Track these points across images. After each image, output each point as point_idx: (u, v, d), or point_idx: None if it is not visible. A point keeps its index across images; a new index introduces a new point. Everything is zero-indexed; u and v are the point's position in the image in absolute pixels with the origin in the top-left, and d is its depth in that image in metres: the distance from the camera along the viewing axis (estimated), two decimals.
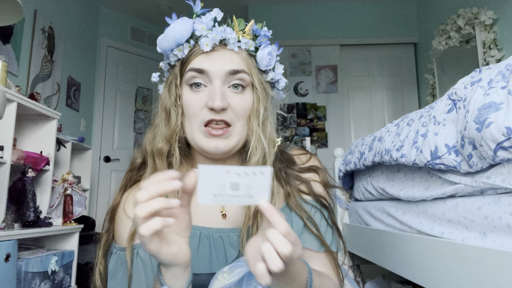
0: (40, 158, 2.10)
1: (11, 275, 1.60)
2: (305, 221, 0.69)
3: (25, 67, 2.73)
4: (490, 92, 0.72)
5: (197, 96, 0.66)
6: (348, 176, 1.85)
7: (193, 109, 0.66)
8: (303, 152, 0.80)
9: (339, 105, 3.78)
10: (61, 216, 2.18)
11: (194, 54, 0.67)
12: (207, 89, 0.67)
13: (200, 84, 0.67)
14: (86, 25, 3.67)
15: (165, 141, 0.68)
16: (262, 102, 0.68)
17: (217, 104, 0.63)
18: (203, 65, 0.66)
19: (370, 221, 1.50)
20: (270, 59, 0.70)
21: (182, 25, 0.67)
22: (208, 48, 0.66)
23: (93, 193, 3.62)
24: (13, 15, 1.58)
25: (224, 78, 0.66)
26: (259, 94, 0.68)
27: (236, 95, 0.67)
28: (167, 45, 0.68)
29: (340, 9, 3.94)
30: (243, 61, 0.68)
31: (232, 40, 0.68)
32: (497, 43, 2.56)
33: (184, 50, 0.68)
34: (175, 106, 0.68)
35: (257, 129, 0.67)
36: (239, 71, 0.67)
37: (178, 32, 0.67)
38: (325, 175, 0.77)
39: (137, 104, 4.13)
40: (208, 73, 0.66)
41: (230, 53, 0.68)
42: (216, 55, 0.67)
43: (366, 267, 1.88)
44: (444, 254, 0.87)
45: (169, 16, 0.70)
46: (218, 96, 0.64)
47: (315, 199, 0.73)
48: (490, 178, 0.77)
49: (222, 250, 0.67)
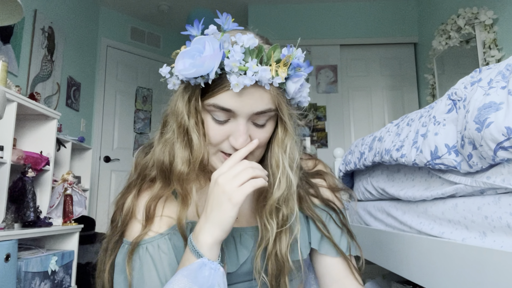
0: (40, 158, 2.10)
1: (11, 275, 1.60)
2: (317, 224, 0.70)
3: (25, 67, 2.73)
4: (490, 92, 0.72)
5: (220, 128, 0.64)
6: (348, 176, 1.85)
7: (214, 140, 0.64)
8: (309, 158, 0.80)
9: (339, 105, 3.78)
10: (61, 216, 2.17)
11: (220, 88, 0.61)
12: (231, 123, 0.63)
13: (223, 119, 0.63)
14: (86, 25, 3.67)
15: (186, 164, 0.65)
16: (289, 136, 0.66)
17: (240, 145, 0.62)
18: (231, 105, 0.61)
19: (370, 221, 1.50)
20: (300, 91, 0.66)
21: (212, 60, 0.58)
22: (238, 89, 0.59)
23: (93, 193, 3.62)
24: (13, 15, 1.58)
25: (250, 116, 0.63)
26: (288, 128, 0.66)
27: (258, 129, 0.65)
28: (191, 75, 0.60)
29: (340, 9, 3.94)
30: (272, 99, 0.62)
31: (265, 81, 0.60)
32: (497, 43, 2.56)
33: (209, 80, 0.61)
34: (197, 131, 0.65)
35: (284, 163, 0.65)
36: (266, 111, 0.63)
37: (207, 67, 0.59)
38: (332, 179, 0.77)
39: (137, 104, 4.13)
40: (234, 112, 0.62)
41: (260, 91, 0.61)
42: (245, 94, 0.60)
43: (366, 267, 1.88)
44: (444, 254, 0.87)
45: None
46: (243, 137, 0.62)
47: (324, 203, 0.73)
48: (490, 178, 0.77)
49: (233, 250, 0.67)
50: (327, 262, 0.72)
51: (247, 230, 0.70)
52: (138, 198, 0.70)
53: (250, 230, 0.70)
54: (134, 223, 0.68)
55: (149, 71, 4.26)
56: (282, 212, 0.66)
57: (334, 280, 0.72)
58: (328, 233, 0.70)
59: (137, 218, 0.69)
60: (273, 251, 0.65)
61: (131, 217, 0.68)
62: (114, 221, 0.70)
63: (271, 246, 0.65)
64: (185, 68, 0.60)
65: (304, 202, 0.71)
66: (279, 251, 0.65)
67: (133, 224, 0.68)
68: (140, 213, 0.69)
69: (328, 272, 0.73)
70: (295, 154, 0.67)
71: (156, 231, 0.67)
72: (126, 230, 0.69)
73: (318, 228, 0.70)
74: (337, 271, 0.72)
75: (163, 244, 0.66)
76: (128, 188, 0.72)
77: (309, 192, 0.73)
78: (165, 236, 0.67)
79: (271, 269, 0.65)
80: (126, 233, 0.69)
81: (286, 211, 0.66)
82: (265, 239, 0.66)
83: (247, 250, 0.68)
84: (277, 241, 0.66)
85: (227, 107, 0.61)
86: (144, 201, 0.69)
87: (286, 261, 0.65)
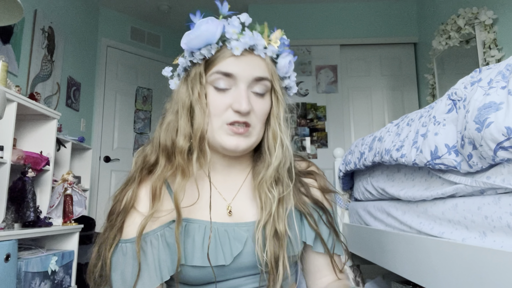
0: (40, 158, 2.10)
1: (11, 275, 1.60)
2: (307, 216, 0.73)
3: (25, 67, 2.73)
4: (490, 92, 0.72)
5: (222, 97, 0.69)
6: (348, 176, 1.85)
7: (218, 109, 0.69)
8: (302, 160, 0.84)
9: (339, 105, 3.78)
10: (61, 216, 2.17)
11: (222, 56, 0.69)
12: (232, 91, 0.69)
13: (227, 89, 0.69)
14: (86, 25, 3.67)
15: (187, 138, 0.69)
16: (282, 106, 0.73)
17: (244, 108, 0.66)
18: (232, 69, 0.68)
19: (370, 221, 1.50)
20: (289, 67, 0.73)
21: (215, 26, 0.68)
22: (238, 52, 0.68)
23: (93, 193, 3.62)
24: (13, 15, 1.58)
25: (250, 83, 0.69)
26: (280, 99, 0.72)
27: (258, 99, 0.70)
28: (197, 44, 0.69)
29: (340, 9, 3.94)
30: (268, 68, 0.71)
31: (260, 47, 0.69)
32: (497, 43, 2.56)
33: (212, 50, 0.69)
34: (199, 103, 0.69)
35: (280, 132, 0.72)
36: (263, 78, 0.70)
37: (211, 33, 0.68)
38: (323, 181, 0.80)
39: (137, 104, 4.13)
40: (235, 77, 0.68)
41: (257, 59, 0.70)
42: (244, 60, 0.69)
43: (366, 267, 1.88)
44: (444, 254, 0.87)
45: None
46: (245, 100, 0.67)
47: (313, 201, 0.76)
48: (490, 178, 0.77)
49: (227, 243, 0.69)
50: (316, 259, 0.77)
51: (240, 225, 0.71)
52: (139, 187, 0.71)
53: (243, 225, 0.71)
54: (134, 215, 0.69)
55: (149, 71, 4.25)
56: (281, 180, 0.71)
57: (322, 275, 0.76)
58: (319, 231, 0.74)
59: (137, 210, 0.69)
60: (272, 229, 0.68)
61: (131, 207, 0.69)
62: (112, 214, 0.70)
63: (271, 224, 0.68)
64: (190, 40, 0.68)
65: (296, 197, 0.74)
66: (278, 226, 0.68)
67: (133, 216, 0.69)
68: (141, 204, 0.70)
69: (316, 268, 0.77)
70: (286, 127, 0.73)
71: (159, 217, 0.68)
72: (124, 224, 0.69)
73: (310, 225, 0.73)
74: (324, 268, 0.76)
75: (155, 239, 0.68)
76: (128, 182, 0.73)
77: (300, 191, 0.76)
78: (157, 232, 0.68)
79: (270, 251, 0.67)
80: (124, 229, 0.68)
81: (286, 180, 0.71)
82: (265, 213, 0.69)
83: (241, 244, 0.69)
84: (275, 216, 0.69)
85: (229, 71, 0.68)
86: (146, 189, 0.70)
87: (284, 237, 0.68)
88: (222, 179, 0.75)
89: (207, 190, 0.73)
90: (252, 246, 0.69)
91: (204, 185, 0.73)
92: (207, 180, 0.74)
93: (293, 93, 0.79)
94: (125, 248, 0.67)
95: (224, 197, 0.74)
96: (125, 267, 0.67)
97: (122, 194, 0.71)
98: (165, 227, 0.68)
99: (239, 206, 0.74)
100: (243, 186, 0.76)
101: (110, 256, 0.67)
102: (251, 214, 0.73)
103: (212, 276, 0.67)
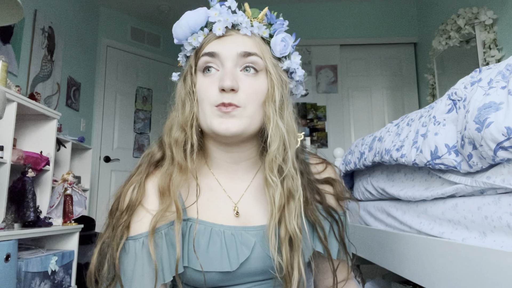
0: (40, 158, 2.10)
1: (11, 275, 1.60)
2: (317, 227, 0.69)
3: (25, 67, 2.73)
4: (490, 92, 0.72)
5: (208, 80, 0.66)
6: (348, 176, 1.85)
7: (205, 92, 0.66)
8: (320, 161, 0.79)
9: (339, 105, 3.78)
10: (61, 216, 2.17)
11: (207, 41, 0.68)
12: (219, 72, 0.66)
13: (211, 67, 0.67)
14: (86, 25, 3.67)
15: (181, 129, 0.67)
16: (277, 87, 0.67)
17: (226, 84, 0.62)
18: (215, 48, 0.66)
19: (370, 221, 1.50)
20: (284, 45, 0.70)
21: (196, 12, 0.68)
22: (220, 32, 0.67)
23: (93, 193, 3.62)
24: (13, 15, 1.58)
25: (236, 60, 0.66)
26: (274, 79, 0.67)
27: (248, 78, 0.66)
28: (182, 33, 0.69)
29: (340, 9, 3.94)
30: (256, 45, 0.68)
31: (244, 24, 0.68)
32: (497, 43, 2.56)
33: (199, 38, 0.68)
34: (189, 94, 0.68)
35: (274, 115, 0.65)
36: (251, 53, 0.66)
37: (192, 19, 0.67)
38: (340, 188, 0.76)
39: (137, 104, 4.13)
40: (219, 56, 0.66)
41: (242, 37, 0.68)
42: (229, 39, 0.67)
43: (366, 267, 1.88)
44: (444, 254, 0.87)
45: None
46: (228, 76, 0.63)
47: (327, 211, 0.72)
48: (490, 178, 0.77)
49: (234, 248, 0.66)
50: (325, 261, 0.75)
51: (248, 229, 0.68)
52: (146, 182, 0.68)
53: (252, 229, 0.68)
54: (142, 212, 0.66)
55: (149, 71, 4.25)
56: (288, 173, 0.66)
57: (330, 276, 0.74)
58: (325, 240, 0.70)
59: (144, 207, 0.66)
60: (284, 229, 0.64)
61: (138, 204, 0.65)
62: (115, 212, 0.66)
63: (283, 224, 0.64)
64: (175, 30, 0.70)
65: (309, 205, 0.69)
66: (289, 225, 0.64)
67: (140, 213, 0.65)
68: (148, 200, 0.66)
69: (325, 269, 0.76)
70: (284, 112, 0.68)
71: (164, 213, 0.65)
72: (131, 221, 0.65)
73: (320, 239, 0.69)
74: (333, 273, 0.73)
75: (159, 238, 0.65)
76: (132, 177, 0.69)
77: (315, 198, 0.72)
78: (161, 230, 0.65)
79: (285, 253, 0.63)
80: (131, 226, 0.65)
81: (287, 165, 0.65)
82: (275, 208, 0.64)
83: (248, 249, 0.66)
84: (286, 211, 0.65)
85: (212, 51, 0.66)
86: (152, 185, 0.68)
87: (297, 237, 0.64)
88: (227, 177, 0.72)
89: (212, 188, 0.70)
90: (260, 251, 0.66)
91: (209, 183, 0.71)
92: (212, 178, 0.71)
93: (300, 79, 0.74)
94: (133, 245, 0.64)
95: (230, 196, 0.71)
96: (135, 265, 0.63)
97: (125, 190, 0.67)
98: (169, 226, 0.65)
99: (246, 207, 0.70)
100: (250, 185, 0.72)
101: (119, 256, 0.63)
102: (259, 217, 0.69)
103: (218, 281, 0.64)
